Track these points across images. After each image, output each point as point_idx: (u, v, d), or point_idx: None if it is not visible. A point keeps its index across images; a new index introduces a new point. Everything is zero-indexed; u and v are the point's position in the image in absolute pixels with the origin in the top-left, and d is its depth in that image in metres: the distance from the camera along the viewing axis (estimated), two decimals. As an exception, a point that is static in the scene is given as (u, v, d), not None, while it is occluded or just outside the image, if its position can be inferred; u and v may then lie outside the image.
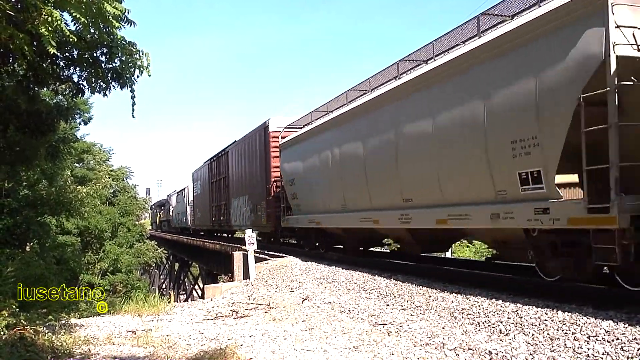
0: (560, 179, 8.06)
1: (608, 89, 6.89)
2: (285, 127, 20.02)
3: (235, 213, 26.13)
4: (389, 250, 18.45)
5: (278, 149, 19.90)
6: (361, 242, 16.43)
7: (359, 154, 13.64)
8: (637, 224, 6.87)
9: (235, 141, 26.22)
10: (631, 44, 6.94)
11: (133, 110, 8.74)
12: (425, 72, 11.02)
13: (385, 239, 16.80)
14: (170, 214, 52.40)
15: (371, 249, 17.88)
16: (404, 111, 11.66)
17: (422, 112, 10.94)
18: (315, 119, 17.36)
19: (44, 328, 7.69)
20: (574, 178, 8.42)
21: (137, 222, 40.56)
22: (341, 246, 17.76)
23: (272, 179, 20.58)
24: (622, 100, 6.91)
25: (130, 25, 7.93)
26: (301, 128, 18.54)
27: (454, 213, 10.07)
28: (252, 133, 23.19)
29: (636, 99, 6.96)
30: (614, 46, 6.84)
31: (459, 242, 22.87)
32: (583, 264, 7.90)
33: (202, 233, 37.79)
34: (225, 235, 32.88)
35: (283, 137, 19.63)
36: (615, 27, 6.93)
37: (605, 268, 7.99)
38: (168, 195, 57.91)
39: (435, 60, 11.07)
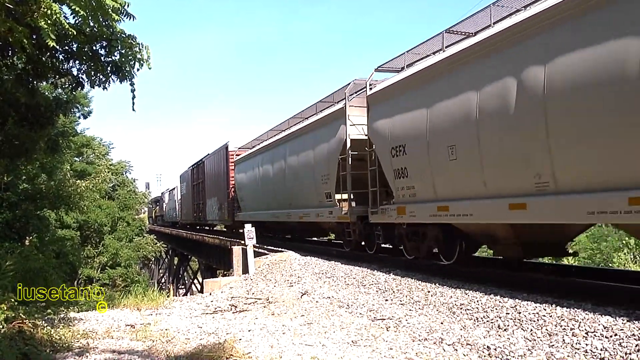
0: (338, 196, 15.17)
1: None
2: (239, 148, 27.46)
3: (209, 210, 32.89)
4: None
5: (233, 164, 27.32)
6: (285, 232, 23.70)
7: (270, 172, 21.16)
8: (361, 220, 14.13)
9: (208, 154, 33.47)
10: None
11: (133, 103, 8.72)
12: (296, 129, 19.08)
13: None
14: (164, 209, 59.28)
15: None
16: (291, 149, 19.22)
17: (295, 150, 18.76)
18: (254, 145, 24.81)
19: (43, 322, 7.70)
20: (345, 195, 14.83)
21: (136, 217, 40.56)
22: (286, 236, 23.93)
23: (230, 186, 27.74)
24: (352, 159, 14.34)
25: (130, 18, 7.89)
26: (250, 149, 25.50)
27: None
28: (218, 150, 30.37)
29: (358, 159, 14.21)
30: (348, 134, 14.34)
31: None
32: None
33: (188, 226, 43.70)
34: (204, 227, 40.48)
35: (237, 155, 27.07)
36: (351, 124, 14.39)
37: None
38: (162, 193, 64.72)
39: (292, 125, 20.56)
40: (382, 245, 14.07)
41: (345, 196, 14.89)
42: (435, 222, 10.91)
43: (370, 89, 13.30)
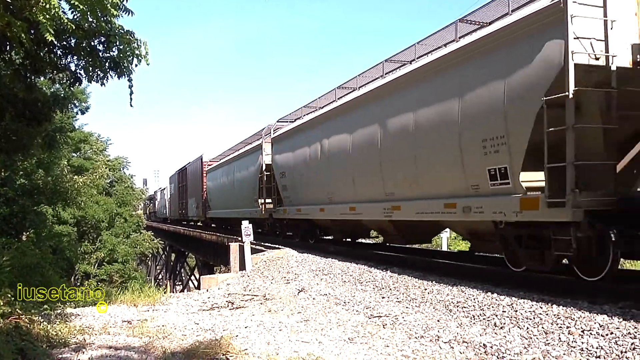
0: (261, 200, 17.47)
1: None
2: (210, 160, 33.66)
3: (190, 208, 38.79)
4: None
5: (205, 172, 33.66)
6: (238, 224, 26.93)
7: (226, 182, 27.94)
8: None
9: (190, 162, 39.62)
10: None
11: (131, 99, 8.72)
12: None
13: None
14: (156, 206, 65.91)
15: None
16: (235, 167, 26.02)
17: (238, 168, 25.92)
18: (223, 157, 30.23)
19: (40, 317, 7.69)
20: (262, 200, 16.98)
21: (134, 213, 40.54)
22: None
23: (204, 189, 33.89)
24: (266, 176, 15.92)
25: (128, 14, 7.90)
26: (217, 161, 31.43)
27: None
28: (196, 159, 36.70)
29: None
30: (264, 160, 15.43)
31: (454, 236, 25.79)
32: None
33: (175, 220, 48.25)
34: (185, 222, 44.76)
35: (209, 165, 33.33)
36: (266, 154, 17.16)
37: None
38: (154, 192, 72.73)
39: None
40: (288, 233, 20.95)
41: (262, 200, 21.62)
42: (301, 217, 18.20)
43: (275, 132, 20.56)
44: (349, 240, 18.16)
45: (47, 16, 6.42)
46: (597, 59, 7.74)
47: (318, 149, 16.01)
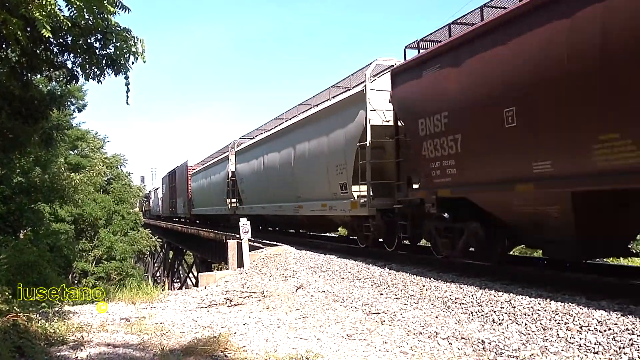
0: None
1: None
2: (194, 165, 39.37)
3: (178, 206, 43.92)
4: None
5: (190, 176, 38.99)
6: (221, 221, 32.04)
7: (204, 185, 33.46)
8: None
9: (178, 166, 44.59)
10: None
11: (127, 97, 8.69)
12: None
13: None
14: (151, 205, 70.82)
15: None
16: (212, 171, 31.31)
17: (208, 175, 33.18)
18: (204, 164, 35.91)
19: (37, 315, 7.68)
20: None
21: (131, 210, 40.50)
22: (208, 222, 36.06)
23: (189, 190, 39.14)
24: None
25: (125, 11, 7.85)
26: (199, 167, 37.23)
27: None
28: (183, 164, 41.60)
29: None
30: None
31: None
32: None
33: (167, 217, 52.64)
34: (176, 219, 48.81)
35: (193, 169, 38.51)
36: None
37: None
38: (149, 191, 77.82)
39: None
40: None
41: (229, 200, 27.28)
42: (253, 213, 22.78)
43: (238, 146, 26.11)
44: (293, 230, 23.80)
45: (44, 13, 6.39)
46: (387, 121, 13.21)
47: (262, 163, 21.74)
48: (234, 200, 26.13)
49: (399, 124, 12.44)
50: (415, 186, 11.73)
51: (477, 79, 9.11)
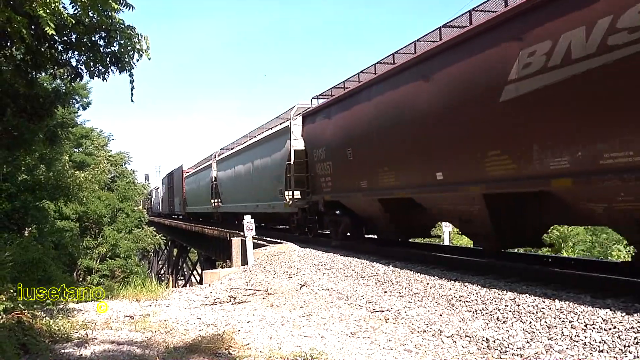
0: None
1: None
2: (188, 168, 42.78)
3: (175, 205, 47.31)
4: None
5: (184, 178, 42.32)
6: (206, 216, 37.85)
7: (196, 186, 38.09)
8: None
9: (175, 169, 47.73)
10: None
11: (132, 94, 8.70)
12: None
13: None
14: (152, 203, 76.00)
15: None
16: (201, 176, 37.35)
17: (196, 179, 39.41)
18: (195, 169, 40.50)
19: (42, 312, 7.70)
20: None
21: (135, 208, 40.58)
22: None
23: (184, 191, 42.74)
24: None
25: (129, 8, 7.86)
26: (192, 171, 41.40)
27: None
28: (178, 167, 45.06)
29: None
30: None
31: (457, 231, 27.29)
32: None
33: (166, 214, 56.36)
34: (174, 216, 52.02)
35: (187, 173, 42.16)
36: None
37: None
38: (151, 190, 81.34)
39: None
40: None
41: (213, 200, 31.90)
42: (228, 211, 28.97)
43: (218, 156, 31.52)
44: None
45: (47, 11, 6.40)
46: (303, 147, 17.45)
47: (234, 172, 27.23)
48: (216, 200, 31.48)
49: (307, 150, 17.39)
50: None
51: (336, 128, 14.89)
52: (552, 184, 7.79)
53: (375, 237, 15.77)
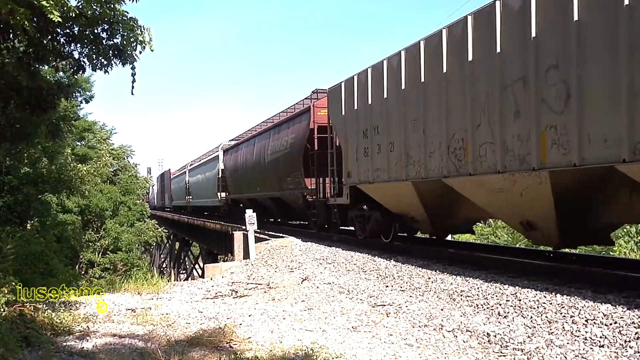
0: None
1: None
2: (174, 171, 54.05)
3: (166, 199, 56.77)
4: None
5: (170, 179, 53.51)
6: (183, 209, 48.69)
7: (179, 185, 50.44)
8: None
9: (165, 171, 59.43)
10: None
11: (133, 87, 8.68)
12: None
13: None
14: (149, 197, 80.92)
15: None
16: (179, 179, 51.80)
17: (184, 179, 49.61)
18: (180, 170, 52.00)
19: (44, 305, 7.71)
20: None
21: (137, 201, 40.59)
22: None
23: (171, 189, 52.91)
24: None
25: (132, 0, 7.85)
26: (178, 173, 51.97)
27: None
28: (167, 170, 57.33)
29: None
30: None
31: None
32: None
33: (159, 207, 64.11)
34: (168, 209, 58.91)
35: (173, 175, 52.64)
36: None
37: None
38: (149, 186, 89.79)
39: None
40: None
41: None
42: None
43: (192, 164, 43.41)
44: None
45: (51, 2, 6.39)
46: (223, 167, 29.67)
47: (196, 181, 37.38)
48: (189, 197, 43.38)
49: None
50: None
51: (234, 159, 26.90)
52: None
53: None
